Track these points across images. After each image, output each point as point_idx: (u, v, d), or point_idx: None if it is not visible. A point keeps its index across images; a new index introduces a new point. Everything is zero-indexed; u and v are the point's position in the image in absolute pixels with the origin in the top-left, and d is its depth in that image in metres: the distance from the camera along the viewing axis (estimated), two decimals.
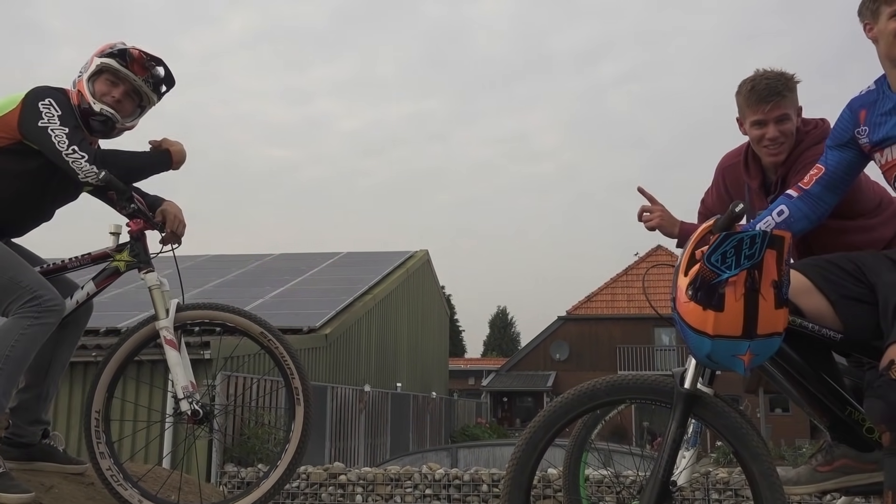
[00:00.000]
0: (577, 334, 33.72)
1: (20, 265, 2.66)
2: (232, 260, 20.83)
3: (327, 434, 13.41)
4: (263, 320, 2.86)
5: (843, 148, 2.43)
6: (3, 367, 2.49)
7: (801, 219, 2.46)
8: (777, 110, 2.69)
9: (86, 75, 2.80)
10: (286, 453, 2.80)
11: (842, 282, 2.29)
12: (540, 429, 2.27)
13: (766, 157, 2.79)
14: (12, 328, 2.53)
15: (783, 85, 2.70)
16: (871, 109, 2.35)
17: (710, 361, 2.08)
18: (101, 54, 2.81)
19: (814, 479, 2.39)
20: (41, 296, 2.57)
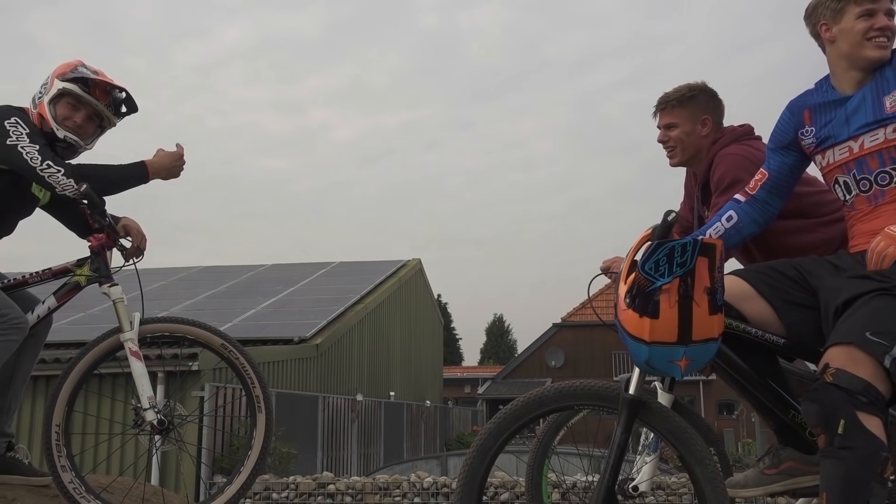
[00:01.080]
0: (573, 341, 33.71)
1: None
2: (224, 271, 20.85)
3: (319, 444, 13.41)
4: (223, 333, 2.89)
5: (784, 151, 2.47)
6: None
7: (750, 223, 2.51)
8: (665, 118, 3.09)
9: (47, 98, 2.82)
10: (248, 459, 2.84)
11: (784, 287, 2.32)
12: (490, 436, 2.31)
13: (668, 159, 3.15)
14: None
15: (676, 97, 3.07)
16: (815, 110, 2.38)
17: (649, 367, 2.12)
18: (62, 77, 2.83)
19: (761, 481, 2.42)
20: (5, 314, 2.61)
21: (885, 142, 2.23)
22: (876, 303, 2.05)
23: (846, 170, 2.32)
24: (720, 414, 29.50)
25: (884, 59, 2.28)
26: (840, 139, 2.31)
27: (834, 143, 2.33)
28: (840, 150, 2.32)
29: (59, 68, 2.88)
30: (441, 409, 23.35)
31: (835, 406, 1.96)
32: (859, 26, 2.29)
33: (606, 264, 3.08)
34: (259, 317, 15.39)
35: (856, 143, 2.28)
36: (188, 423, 3.00)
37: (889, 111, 2.22)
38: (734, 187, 2.81)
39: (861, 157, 2.28)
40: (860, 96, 2.29)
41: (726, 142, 2.98)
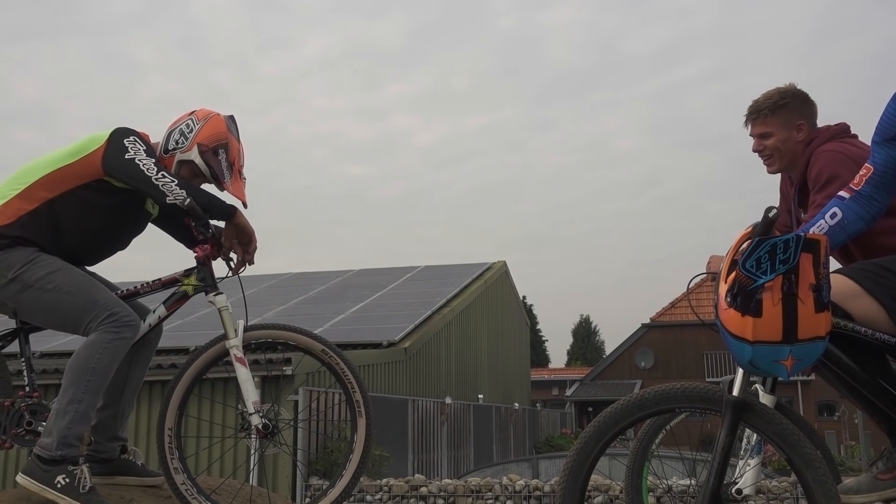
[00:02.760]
0: (662, 341, 33.13)
1: (95, 286, 2.84)
2: (313, 277, 21.31)
3: (409, 447, 13.55)
4: (323, 338, 2.96)
5: (890, 143, 2.36)
6: (90, 379, 2.67)
7: (856, 220, 2.42)
8: (758, 128, 3.03)
9: (180, 156, 2.94)
10: (350, 463, 2.89)
11: (893, 284, 2.25)
12: (591, 440, 2.29)
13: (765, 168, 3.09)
14: (95, 343, 2.70)
15: (766, 106, 3.01)
16: None
17: (753, 367, 2.07)
18: (203, 150, 2.92)
19: (875, 486, 2.34)
20: (117, 312, 2.75)
21: None
22: None
23: None
24: (820, 415, 28.46)
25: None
26: None
27: None
28: None
29: (205, 130, 2.96)
30: (529, 411, 23.27)
31: None
32: None
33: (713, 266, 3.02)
34: (348, 321, 15.66)
35: None
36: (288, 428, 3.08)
37: None
38: (832, 183, 2.72)
39: None
40: None
41: (822, 140, 2.91)
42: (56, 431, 2.62)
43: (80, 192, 2.87)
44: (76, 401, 2.65)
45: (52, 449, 2.61)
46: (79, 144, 2.88)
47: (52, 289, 2.77)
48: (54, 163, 2.87)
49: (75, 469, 2.62)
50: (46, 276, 2.78)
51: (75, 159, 2.85)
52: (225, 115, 3.05)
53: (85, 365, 2.67)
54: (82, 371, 2.67)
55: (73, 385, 2.66)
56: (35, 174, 2.86)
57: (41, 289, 2.77)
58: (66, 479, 2.60)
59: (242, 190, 3.01)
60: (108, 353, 2.70)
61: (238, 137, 3.05)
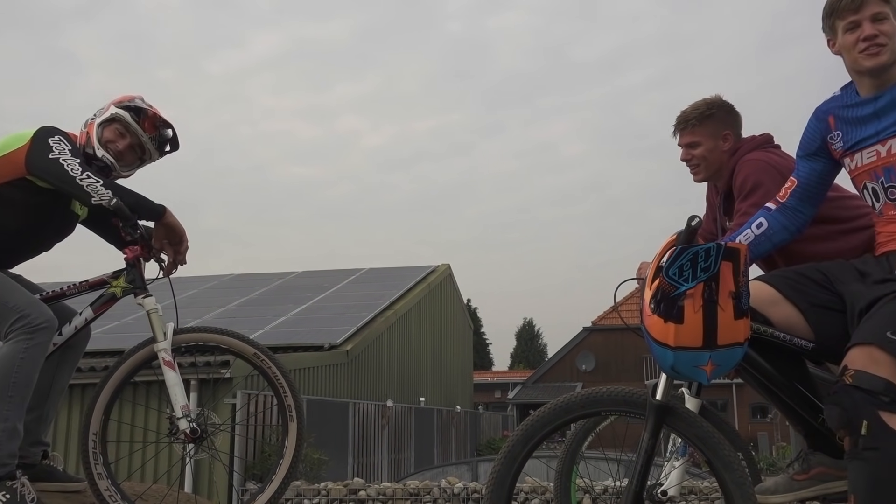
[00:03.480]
0: (603, 345, 33.56)
1: (7, 288, 2.75)
2: (255, 279, 21.05)
3: (350, 450, 13.48)
4: (255, 341, 2.94)
5: (813, 157, 2.46)
6: (12, 395, 2.59)
7: (781, 230, 2.50)
8: (686, 138, 3.10)
9: (98, 119, 2.95)
10: (280, 468, 2.87)
11: (811, 291, 2.31)
12: (518, 442, 2.32)
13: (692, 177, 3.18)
14: (11, 355, 2.61)
15: (694, 116, 3.09)
16: (841, 114, 2.37)
17: (675, 373, 2.12)
18: (118, 104, 2.97)
19: (791, 487, 2.41)
20: (28, 314, 2.65)
21: None
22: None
23: (874, 176, 2.30)
24: (754, 417, 29.16)
25: (879, 66, 2.26)
26: (868, 143, 2.30)
27: (862, 146, 2.32)
28: (868, 154, 2.30)
29: (117, 97, 3.00)
30: (471, 414, 23.34)
31: (856, 407, 1.96)
32: (849, 40, 2.30)
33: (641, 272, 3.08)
34: (290, 324, 15.51)
35: (883, 147, 2.26)
36: (221, 431, 3.04)
37: None
38: (756, 192, 2.81)
39: (889, 164, 2.26)
40: (887, 98, 2.27)
41: (746, 150, 2.99)
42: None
43: (2, 191, 2.79)
44: (2, 419, 2.58)
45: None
46: (1, 142, 2.81)
47: None
48: None
49: (14, 483, 2.58)
50: None
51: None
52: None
53: (4, 381, 2.59)
54: (3, 388, 2.59)
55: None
56: None
57: None
58: (6, 495, 2.56)
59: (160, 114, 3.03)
60: (27, 363, 2.62)
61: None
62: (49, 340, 2.72)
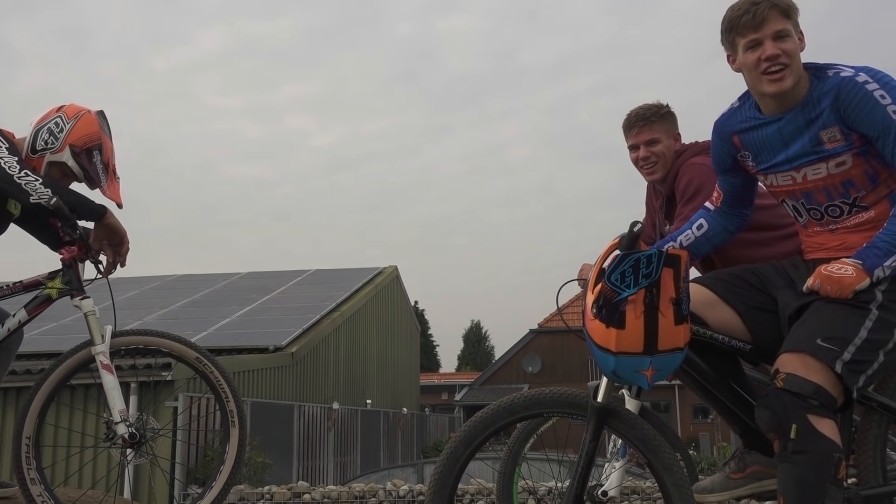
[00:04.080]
0: (550, 346, 33.81)
1: None
2: (199, 279, 20.71)
3: (295, 453, 13.35)
4: (197, 345, 2.89)
5: (729, 173, 2.45)
6: None
7: (721, 231, 2.54)
8: (645, 134, 3.07)
9: (50, 157, 2.82)
10: (221, 474, 2.84)
11: (746, 293, 2.36)
12: (461, 444, 2.33)
13: (645, 177, 3.15)
14: None
15: (653, 113, 3.07)
16: (745, 134, 2.33)
17: (616, 377, 2.15)
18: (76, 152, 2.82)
19: (727, 486, 2.46)
20: None
21: (829, 177, 2.21)
22: (826, 310, 2.10)
23: (794, 196, 2.32)
24: (696, 418, 29.72)
25: (782, 91, 2.16)
26: (781, 168, 2.28)
27: (775, 170, 2.30)
28: (783, 178, 2.30)
29: (76, 130, 2.85)
30: (418, 416, 23.33)
31: (786, 410, 2.01)
32: (750, 59, 2.19)
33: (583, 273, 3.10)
34: (234, 325, 15.31)
35: (798, 174, 2.26)
36: (161, 436, 2.99)
37: (828, 147, 2.17)
38: (699, 195, 2.86)
39: (806, 189, 2.27)
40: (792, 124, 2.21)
41: (690, 154, 3.04)
42: None
43: None
44: None
45: None
46: None
47: None
48: None
49: None
50: None
51: None
52: (95, 110, 2.93)
53: None
54: None
55: None
56: None
57: None
58: None
59: (118, 191, 2.91)
60: None
61: (110, 135, 2.95)
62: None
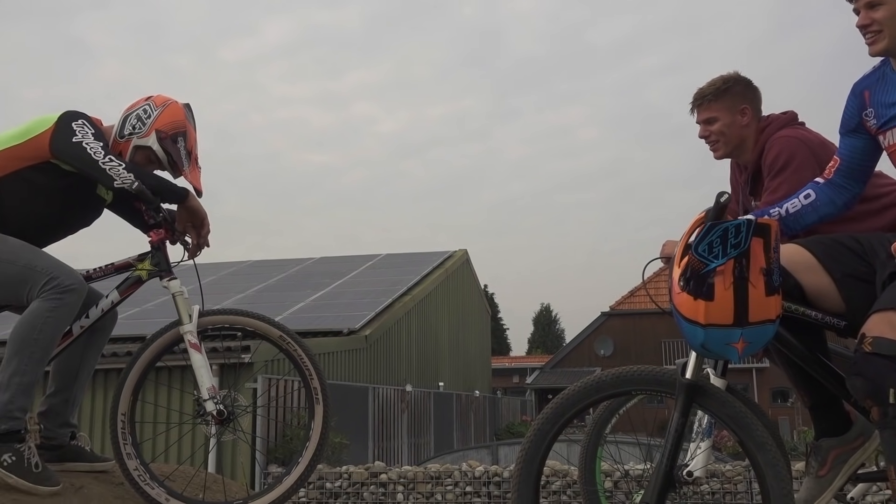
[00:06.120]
0: (622, 329, 33.50)
1: (33, 252, 2.76)
2: (273, 265, 21.14)
3: (370, 434, 13.55)
4: (281, 324, 2.94)
5: (853, 134, 2.40)
6: (32, 351, 2.61)
7: (827, 203, 2.44)
8: (703, 114, 3.06)
9: (137, 141, 2.87)
10: (306, 450, 2.87)
11: (846, 260, 2.27)
12: (547, 421, 2.31)
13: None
14: (37, 312, 2.63)
15: (710, 91, 3.04)
16: (874, 90, 2.32)
17: (705, 350, 2.10)
18: (161, 138, 2.86)
19: (822, 486, 2.40)
20: (56, 277, 2.67)
21: None
22: None
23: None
24: (774, 402, 29.06)
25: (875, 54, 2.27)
26: None
27: (892, 124, 2.26)
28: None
29: (163, 117, 2.89)
30: (490, 398, 23.40)
31: (881, 375, 1.94)
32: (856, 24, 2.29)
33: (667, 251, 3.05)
34: (308, 309, 15.58)
35: None
36: (245, 414, 3.05)
37: None
38: (788, 168, 2.77)
39: None
40: None
41: (776, 127, 2.95)
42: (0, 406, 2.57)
43: (28, 174, 2.81)
44: (19, 373, 2.60)
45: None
46: (27, 126, 2.83)
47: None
48: (1, 144, 2.81)
49: (21, 447, 2.59)
50: None
51: (22, 140, 2.80)
52: (182, 102, 3.00)
53: (27, 336, 2.61)
54: (25, 343, 2.61)
55: (15, 357, 2.61)
56: None
57: None
58: (12, 457, 2.58)
59: (199, 179, 2.97)
60: (52, 323, 2.64)
61: (195, 125, 3.01)
62: (78, 302, 2.73)
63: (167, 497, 2.78)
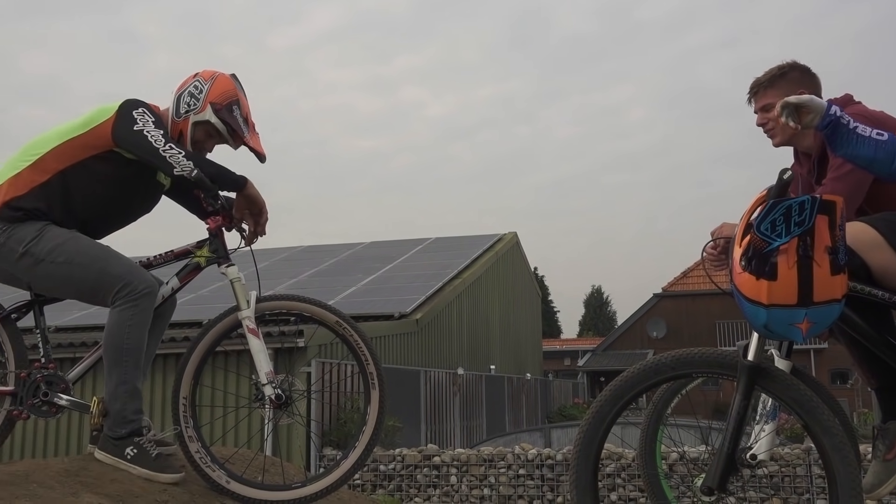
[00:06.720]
0: (675, 311, 33.07)
1: (107, 255, 2.85)
2: (324, 250, 21.33)
3: (422, 417, 13.63)
4: (338, 309, 2.95)
5: None
6: (126, 359, 2.76)
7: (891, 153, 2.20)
8: (760, 101, 2.99)
9: (194, 118, 2.92)
10: (363, 434, 2.90)
11: None
12: (607, 402, 2.30)
13: None
14: (120, 323, 2.76)
15: (766, 79, 2.97)
16: None
17: (768, 331, 2.06)
18: (217, 109, 2.91)
19: (891, 469, 2.34)
20: (131, 283, 2.77)
21: None
22: None
23: None
24: (833, 383, 28.41)
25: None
26: None
27: None
28: None
29: (215, 89, 2.93)
30: (541, 381, 23.35)
31: None
32: None
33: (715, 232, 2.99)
34: (360, 294, 15.70)
35: None
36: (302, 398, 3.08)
37: None
38: None
39: None
40: None
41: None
42: (115, 413, 2.76)
43: (91, 163, 2.87)
44: (122, 382, 2.77)
45: (117, 428, 2.76)
46: (89, 116, 2.88)
47: (63, 261, 2.78)
48: (65, 134, 2.87)
49: (141, 440, 2.77)
50: (56, 248, 2.79)
51: (85, 130, 2.85)
52: (228, 73, 3.04)
53: (118, 345, 2.76)
54: (118, 352, 2.76)
55: (114, 368, 2.77)
56: (46, 146, 2.87)
57: (52, 262, 2.78)
58: (134, 450, 2.76)
59: (260, 143, 3.02)
60: (136, 330, 2.78)
61: (245, 93, 3.04)
62: (153, 305, 2.85)
63: (227, 479, 2.83)
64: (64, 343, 10.82)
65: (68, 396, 2.88)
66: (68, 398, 2.88)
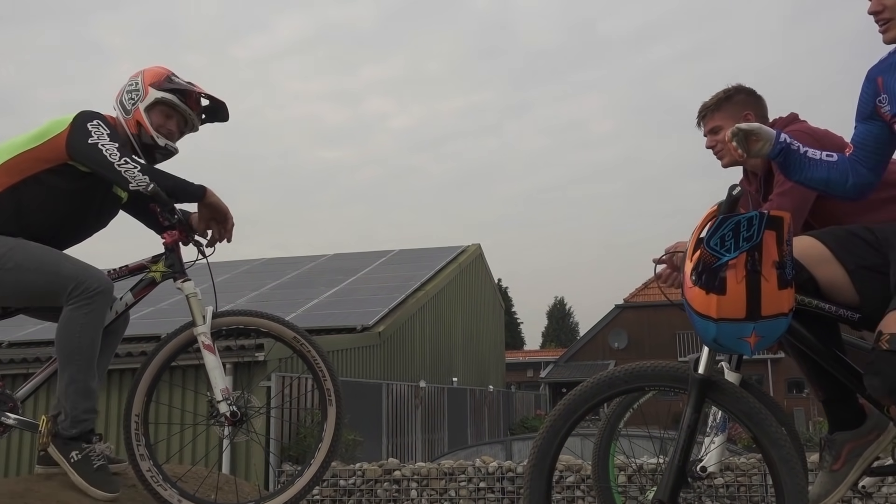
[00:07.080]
0: (636, 322, 33.39)
1: (57, 258, 2.79)
2: (287, 262, 21.18)
3: (384, 430, 13.57)
4: (295, 325, 2.93)
5: (867, 121, 2.33)
6: (78, 358, 2.71)
7: (843, 173, 2.29)
8: (708, 124, 3.11)
9: (142, 105, 2.91)
10: (319, 451, 2.88)
11: (859, 251, 2.23)
12: (561, 417, 2.30)
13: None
14: (72, 321, 2.71)
15: (712, 102, 3.08)
16: (887, 76, 2.26)
17: (717, 345, 2.09)
18: (157, 86, 2.92)
19: (837, 480, 2.38)
20: (84, 281, 2.72)
21: None
22: None
23: None
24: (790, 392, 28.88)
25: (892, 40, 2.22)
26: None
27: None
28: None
29: (148, 75, 2.96)
30: (504, 393, 23.38)
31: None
32: None
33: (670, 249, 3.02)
34: (322, 306, 15.61)
35: None
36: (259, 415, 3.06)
37: None
38: None
39: None
40: None
41: (780, 126, 2.92)
42: (66, 412, 2.72)
43: (45, 177, 2.82)
44: (73, 381, 2.72)
45: (68, 428, 2.72)
46: (42, 128, 2.84)
47: (12, 267, 2.73)
48: (17, 147, 2.82)
49: (88, 447, 2.73)
50: (3, 255, 2.74)
51: (38, 143, 2.81)
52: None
53: (69, 345, 2.71)
54: (70, 352, 2.71)
55: (66, 367, 2.72)
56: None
57: (1, 268, 2.73)
58: (78, 454, 2.72)
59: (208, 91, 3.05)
60: (89, 329, 2.73)
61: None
62: (107, 304, 2.80)
63: (179, 498, 2.79)
64: (17, 359, 10.60)
65: (16, 415, 2.82)
66: (16, 417, 2.82)
